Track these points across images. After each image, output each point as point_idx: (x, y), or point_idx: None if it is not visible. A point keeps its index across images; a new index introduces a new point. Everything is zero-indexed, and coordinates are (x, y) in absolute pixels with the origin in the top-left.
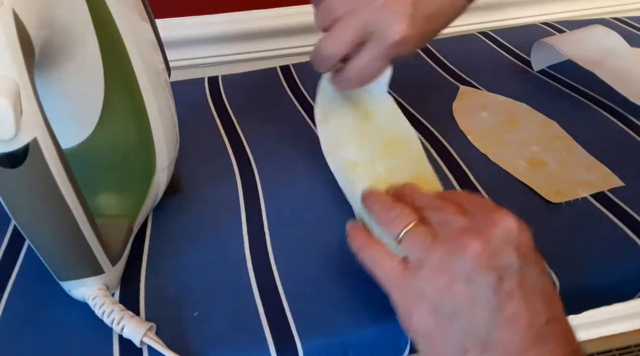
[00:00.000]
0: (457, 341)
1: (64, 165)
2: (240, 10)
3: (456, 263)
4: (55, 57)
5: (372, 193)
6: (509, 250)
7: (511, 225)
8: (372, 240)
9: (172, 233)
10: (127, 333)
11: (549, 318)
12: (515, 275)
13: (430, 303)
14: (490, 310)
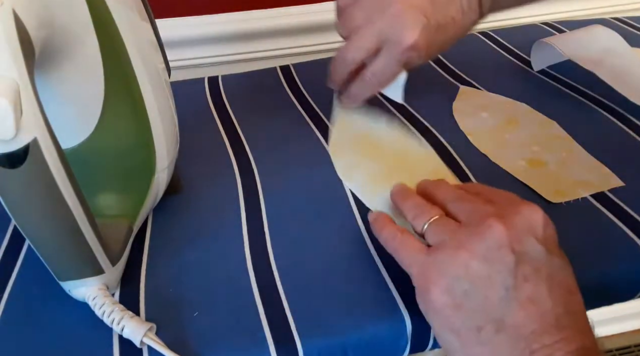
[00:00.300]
0: (472, 318)
1: (64, 165)
2: (240, 10)
3: (476, 242)
4: (56, 57)
5: (401, 190)
6: (531, 238)
7: (537, 216)
8: (393, 223)
9: (172, 233)
10: (127, 333)
11: (567, 310)
12: (535, 261)
13: (447, 280)
14: (506, 290)
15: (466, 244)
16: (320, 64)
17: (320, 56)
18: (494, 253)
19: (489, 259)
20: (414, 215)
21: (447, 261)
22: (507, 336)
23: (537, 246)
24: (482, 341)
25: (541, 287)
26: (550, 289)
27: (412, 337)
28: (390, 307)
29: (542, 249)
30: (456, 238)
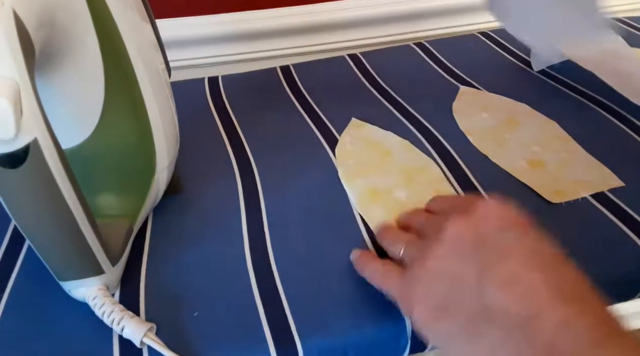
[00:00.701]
0: (460, 316)
1: (64, 165)
2: (240, 11)
3: (437, 247)
4: (56, 57)
5: (382, 227)
6: (489, 224)
7: (492, 205)
8: (375, 257)
9: (172, 233)
10: (127, 333)
11: (559, 280)
12: (498, 242)
13: (423, 291)
14: (478, 278)
15: (429, 253)
16: (320, 64)
17: (320, 56)
18: (455, 248)
19: (451, 256)
20: (391, 245)
21: (417, 275)
22: (500, 325)
23: (497, 229)
24: (480, 338)
25: (514, 266)
26: (527, 264)
27: (412, 337)
28: (390, 307)
29: (503, 231)
30: (421, 252)
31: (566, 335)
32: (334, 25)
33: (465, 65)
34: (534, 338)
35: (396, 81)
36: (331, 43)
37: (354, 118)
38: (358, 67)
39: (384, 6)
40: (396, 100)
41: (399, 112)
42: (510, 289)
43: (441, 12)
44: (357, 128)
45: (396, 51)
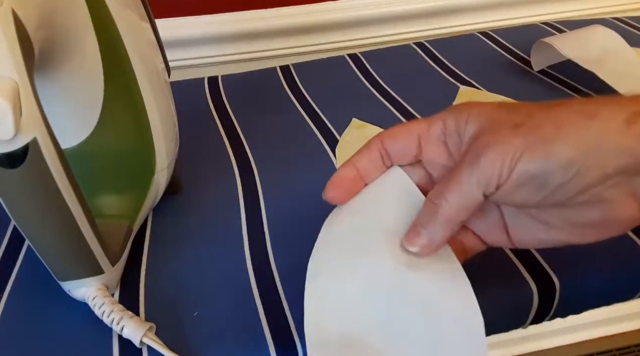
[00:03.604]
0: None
1: (64, 165)
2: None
3: None
4: (55, 57)
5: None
6: None
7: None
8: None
9: (172, 233)
10: (127, 333)
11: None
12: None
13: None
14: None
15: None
16: (320, 64)
17: (320, 56)
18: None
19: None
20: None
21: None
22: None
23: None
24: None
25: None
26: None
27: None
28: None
29: None
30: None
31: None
32: (334, 25)
33: (465, 65)
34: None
35: (396, 81)
36: (331, 43)
37: (354, 119)
38: (358, 67)
39: (384, 6)
40: (396, 100)
41: (399, 111)
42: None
43: (441, 12)
44: (357, 128)
45: (396, 51)
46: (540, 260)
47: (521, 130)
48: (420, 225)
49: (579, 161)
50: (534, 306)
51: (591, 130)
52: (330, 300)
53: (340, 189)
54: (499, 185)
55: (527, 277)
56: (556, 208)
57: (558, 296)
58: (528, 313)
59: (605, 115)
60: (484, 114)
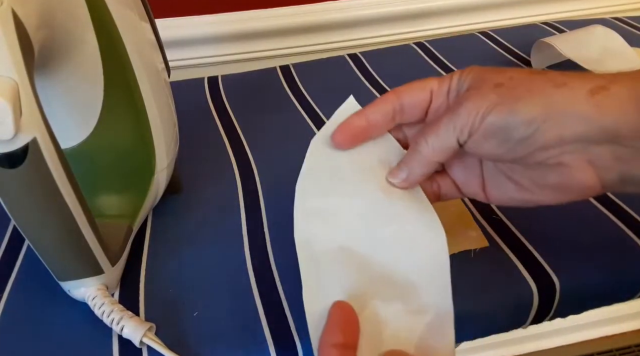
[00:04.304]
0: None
1: (64, 165)
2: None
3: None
4: (55, 57)
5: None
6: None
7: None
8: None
9: (171, 233)
10: (127, 333)
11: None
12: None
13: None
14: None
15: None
16: (320, 64)
17: (320, 56)
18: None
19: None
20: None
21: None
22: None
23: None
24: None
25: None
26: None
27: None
28: None
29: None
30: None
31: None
32: (334, 25)
33: (466, 64)
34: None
35: (396, 81)
36: (331, 43)
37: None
38: (358, 67)
39: (384, 6)
40: None
41: None
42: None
43: (441, 11)
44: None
45: (396, 51)
46: (541, 259)
47: (499, 89)
48: (403, 162)
49: (539, 120)
50: (534, 306)
51: (556, 96)
52: (316, 217)
53: (347, 135)
54: (471, 133)
55: (527, 277)
56: (523, 168)
57: (558, 296)
58: (528, 313)
59: (571, 85)
60: (477, 73)
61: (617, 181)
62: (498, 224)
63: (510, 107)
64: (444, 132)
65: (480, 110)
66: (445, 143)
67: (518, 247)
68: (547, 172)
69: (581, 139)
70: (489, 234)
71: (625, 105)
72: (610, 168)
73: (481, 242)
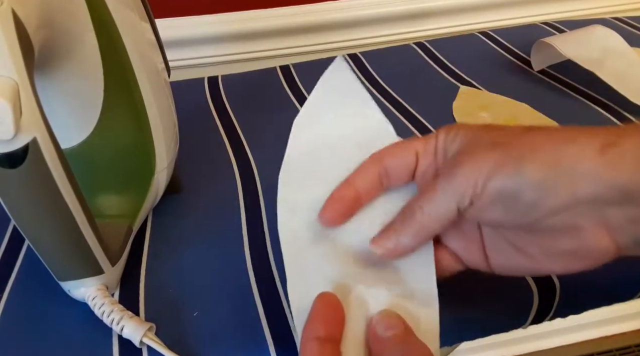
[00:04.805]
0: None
1: (64, 165)
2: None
3: None
4: (55, 57)
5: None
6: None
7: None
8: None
9: (171, 233)
10: (127, 333)
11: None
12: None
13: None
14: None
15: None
16: (320, 64)
17: (320, 56)
18: None
19: None
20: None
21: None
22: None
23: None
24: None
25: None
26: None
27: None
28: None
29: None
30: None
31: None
32: (334, 25)
33: (465, 64)
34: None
35: (396, 81)
36: (331, 43)
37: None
38: (358, 67)
39: (384, 6)
40: (396, 100)
41: (399, 111)
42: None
43: (441, 11)
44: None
45: (396, 51)
46: None
47: (498, 148)
48: (392, 229)
49: (549, 181)
50: (534, 307)
51: (565, 153)
52: (299, 209)
53: (339, 213)
54: (473, 200)
55: (527, 277)
56: (531, 235)
57: (558, 296)
58: (528, 313)
59: (580, 141)
60: (469, 133)
61: (631, 244)
62: None
63: (515, 168)
64: (441, 198)
65: (481, 173)
66: (444, 210)
67: None
68: (559, 237)
69: (595, 199)
70: None
71: (638, 162)
72: (625, 230)
73: None
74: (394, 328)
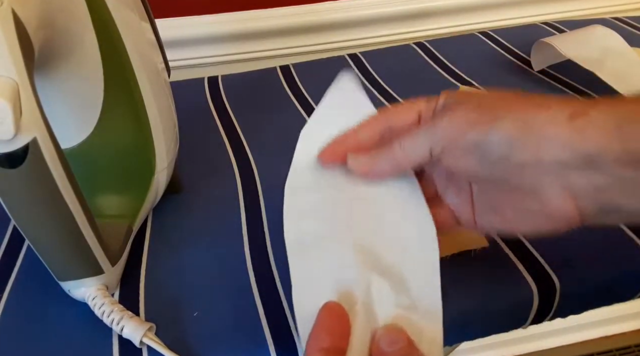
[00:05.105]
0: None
1: (64, 165)
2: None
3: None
4: (55, 57)
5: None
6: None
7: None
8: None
9: (171, 233)
10: (127, 333)
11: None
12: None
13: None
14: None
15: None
16: (320, 64)
17: (320, 56)
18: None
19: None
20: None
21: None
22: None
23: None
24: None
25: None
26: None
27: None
28: None
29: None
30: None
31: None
32: (334, 25)
33: (465, 64)
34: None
35: (396, 81)
36: (331, 42)
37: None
38: (358, 67)
39: (384, 6)
40: (396, 100)
41: None
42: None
43: (441, 11)
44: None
45: (396, 51)
46: (541, 260)
47: (478, 109)
48: (371, 153)
49: (518, 140)
50: (534, 307)
51: (536, 117)
52: (306, 214)
53: (335, 153)
54: (446, 148)
55: (527, 277)
56: (503, 193)
57: (558, 296)
58: (528, 313)
59: (553, 108)
60: (465, 96)
61: (597, 211)
62: None
63: (489, 125)
64: (420, 140)
65: (459, 127)
66: (417, 151)
67: (518, 246)
68: (526, 197)
69: (560, 164)
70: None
71: (605, 131)
72: (589, 197)
73: (481, 241)
74: (398, 342)
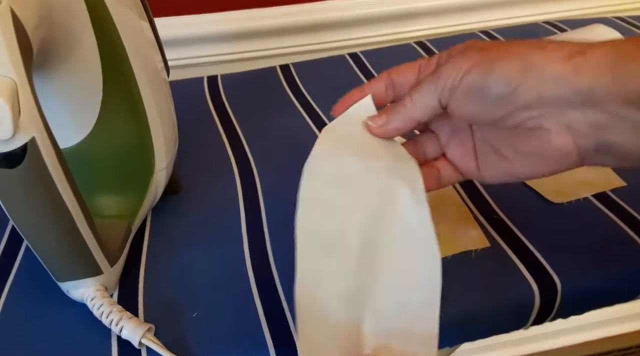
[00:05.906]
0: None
1: (62, 165)
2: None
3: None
4: (54, 57)
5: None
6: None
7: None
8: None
9: (171, 234)
10: (126, 334)
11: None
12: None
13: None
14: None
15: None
16: (321, 63)
17: (320, 55)
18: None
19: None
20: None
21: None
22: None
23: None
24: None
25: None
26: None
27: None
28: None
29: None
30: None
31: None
32: (334, 24)
33: None
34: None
35: None
36: (331, 42)
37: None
38: (358, 66)
39: (385, 5)
40: None
41: None
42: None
43: (442, 10)
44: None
45: (397, 50)
46: (542, 260)
47: (478, 53)
48: (384, 111)
49: (517, 80)
50: (535, 307)
51: (534, 57)
52: (320, 206)
53: (346, 107)
54: (451, 92)
55: (528, 278)
56: (504, 133)
57: (560, 297)
58: (530, 314)
59: (550, 49)
60: (465, 46)
61: (593, 150)
62: (499, 224)
63: (489, 66)
64: (427, 90)
65: (460, 70)
66: (427, 101)
67: (519, 247)
68: (526, 136)
69: (558, 101)
70: (490, 234)
71: (601, 68)
72: (586, 135)
73: (482, 242)
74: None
